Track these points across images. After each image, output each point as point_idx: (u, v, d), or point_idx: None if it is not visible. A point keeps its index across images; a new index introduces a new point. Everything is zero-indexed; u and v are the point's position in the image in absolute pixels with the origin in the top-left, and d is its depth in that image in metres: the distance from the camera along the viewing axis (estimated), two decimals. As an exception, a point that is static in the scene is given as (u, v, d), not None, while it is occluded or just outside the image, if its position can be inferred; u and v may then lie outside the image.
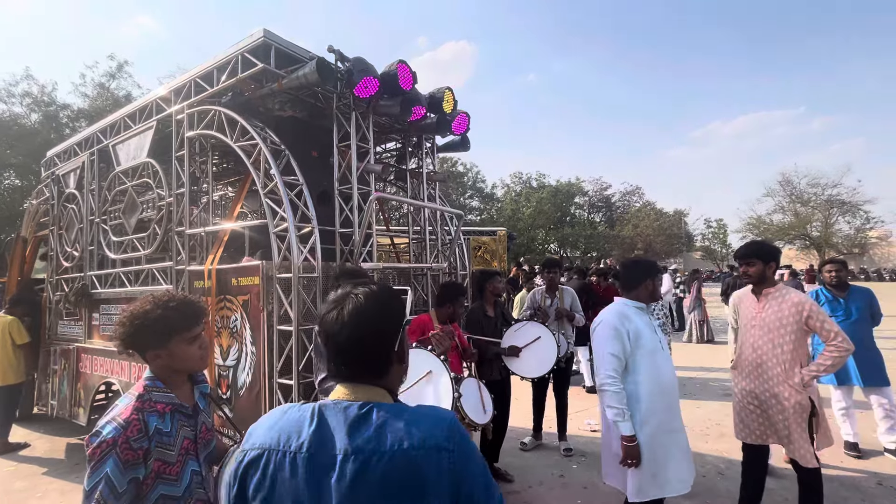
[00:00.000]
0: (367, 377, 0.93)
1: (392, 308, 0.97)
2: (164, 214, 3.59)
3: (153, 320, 1.42)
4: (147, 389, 1.41)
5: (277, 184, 2.78)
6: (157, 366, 1.46)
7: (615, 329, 2.24)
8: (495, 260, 10.65)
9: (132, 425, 1.31)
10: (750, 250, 2.76)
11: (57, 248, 4.90)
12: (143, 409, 1.36)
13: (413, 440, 0.84)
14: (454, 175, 29.27)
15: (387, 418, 0.87)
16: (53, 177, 5.02)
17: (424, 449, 0.83)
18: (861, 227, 28.83)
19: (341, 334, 0.91)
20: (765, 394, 2.65)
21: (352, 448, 0.83)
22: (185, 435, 1.44)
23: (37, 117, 16.89)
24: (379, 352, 0.93)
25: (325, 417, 0.88)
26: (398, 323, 0.97)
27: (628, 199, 38.18)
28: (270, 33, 2.93)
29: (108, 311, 4.13)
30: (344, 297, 0.95)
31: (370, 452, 0.83)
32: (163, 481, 1.35)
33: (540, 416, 4.40)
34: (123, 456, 1.26)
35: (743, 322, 2.86)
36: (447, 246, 4.17)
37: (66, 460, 4.43)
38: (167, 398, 1.42)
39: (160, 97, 3.73)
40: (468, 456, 0.87)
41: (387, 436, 0.84)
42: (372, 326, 0.92)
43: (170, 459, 1.37)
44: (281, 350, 2.73)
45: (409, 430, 0.85)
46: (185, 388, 1.53)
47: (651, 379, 2.23)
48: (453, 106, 3.67)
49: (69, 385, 4.48)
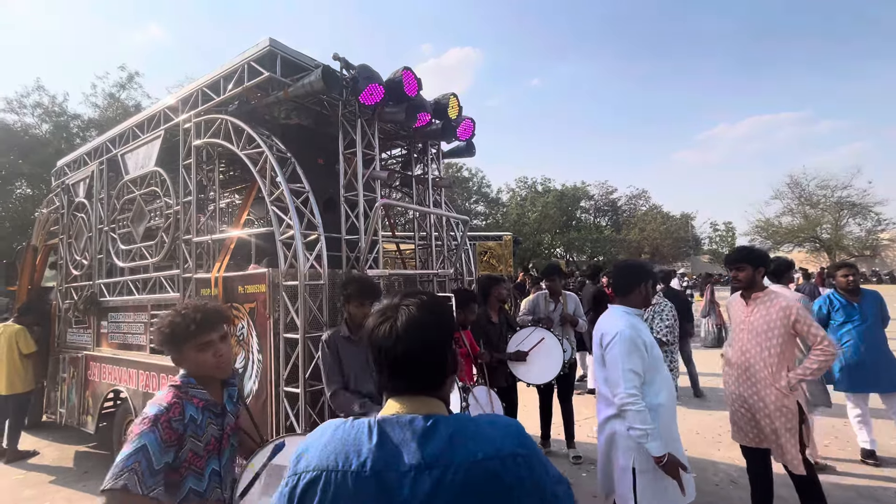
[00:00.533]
0: (426, 390, 0.91)
1: (445, 317, 0.96)
2: (172, 222, 3.61)
3: (168, 327, 1.51)
4: (184, 384, 1.51)
5: (283, 191, 2.79)
6: (183, 368, 1.56)
7: (633, 342, 2.10)
8: (501, 265, 10.62)
9: (174, 407, 1.40)
10: (740, 256, 2.78)
11: (66, 256, 4.94)
12: (182, 398, 1.46)
13: (487, 450, 0.83)
14: (459, 180, 29.31)
15: (455, 430, 0.85)
16: (63, 186, 5.08)
17: (500, 458, 0.82)
18: (872, 229, 28.44)
19: (396, 348, 0.88)
20: (752, 397, 2.67)
21: (425, 462, 0.81)
22: (212, 433, 1.52)
23: (48, 127, 17.17)
24: (436, 363, 0.91)
25: (386, 433, 0.85)
26: (450, 332, 0.96)
27: (634, 203, 38.01)
28: (276, 42, 2.95)
29: (117, 318, 4.15)
30: (394, 308, 0.92)
31: (445, 465, 0.80)
32: (192, 473, 1.44)
33: (547, 423, 4.35)
34: (164, 434, 1.34)
35: (733, 326, 2.89)
36: (453, 251, 4.16)
37: (74, 469, 4.44)
38: (201, 394, 1.52)
39: (168, 106, 3.77)
40: (540, 458, 0.87)
41: (459, 447, 0.82)
42: (428, 338, 0.90)
43: (199, 451, 1.46)
44: (287, 358, 2.72)
45: (481, 440, 0.84)
46: (216, 389, 1.60)
47: (666, 390, 2.17)
48: (458, 112, 3.67)
49: (78, 393, 4.50)
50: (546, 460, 0.90)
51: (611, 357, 2.13)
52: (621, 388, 2.05)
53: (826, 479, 3.59)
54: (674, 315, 3.62)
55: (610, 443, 2.20)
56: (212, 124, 3.32)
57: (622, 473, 2.12)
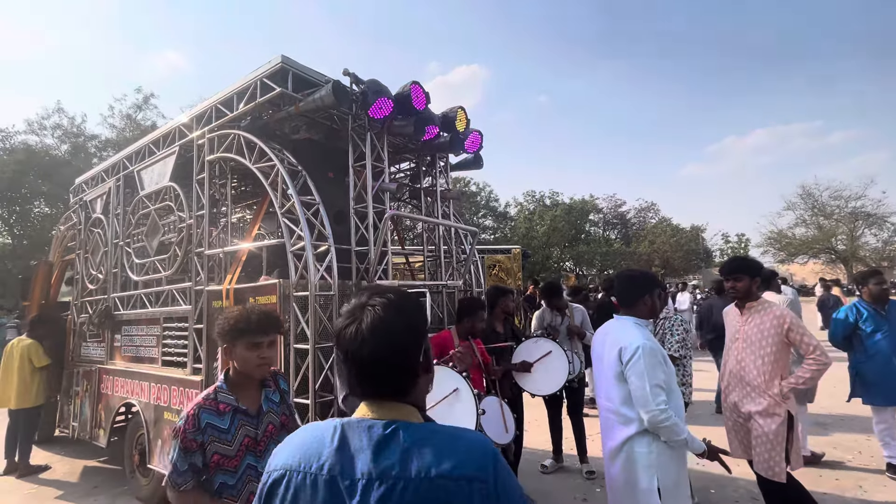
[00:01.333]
0: (393, 394, 0.87)
1: (414, 317, 0.89)
2: (185, 236, 3.67)
3: (231, 321, 1.69)
4: (217, 391, 1.69)
5: (295, 203, 2.83)
6: (227, 365, 1.75)
7: (655, 355, 2.02)
8: (510, 278, 10.58)
9: (189, 419, 1.59)
10: (737, 266, 2.80)
11: (83, 271, 5.04)
12: (203, 406, 1.62)
13: (442, 468, 0.76)
14: (467, 195, 29.45)
15: (415, 441, 0.80)
16: (81, 202, 5.21)
17: (454, 478, 0.76)
18: (889, 239, 27.87)
19: (362, 350, 0.84)
20: (747, 406, 2.67)
21: (376, 472, 0.77)
22: (246, 433, 1.67)
23: (67, 148, 17.70)
24: (404, 366, 0.86)
25: (346, 437, 0.83)
26: (422, 332, 0.90)
27: (643, 216, 37.75)
28: (288, 59, 3.03)
29: (130, 332, 4.20)
30: (360, 308, 0.88)
31: (395, 478, 0.76)
32: (222, 471, 1.61)
33: (559, 437, 4.27)
34: (183, 444, 1.56)
35: (728, 336, 2.90)
36: (462, 263, 4.16)
37: (84, 483, 4.44)
38: (228, 400, 1.67)
39: (182, 124, 3.87)
40: (505, 488, 0.79)
41: (414, 461, 0.77)
42: (395, 340, 0.85)
43: (228, 453, 1.62)
44: (297, 369, 2.72)
45: (438, 456, 0.78)
46: (252, 393, 1.75)
47: (679, 402, 2.11)
48: (466, 124, 3.72)
49: (90, 406, 4.53)
50: (510, 489, 0.81)
51: (636, 372, 2.00)
52: (651, 405, 1.95)
53: (850, 494, 3.46)
54: (685, 329, 3.56)
55: (630, 464, 2.06)
56: (225, 139, 3.40)
57: (647, 496, 1.99)
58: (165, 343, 3.74)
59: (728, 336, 2.90)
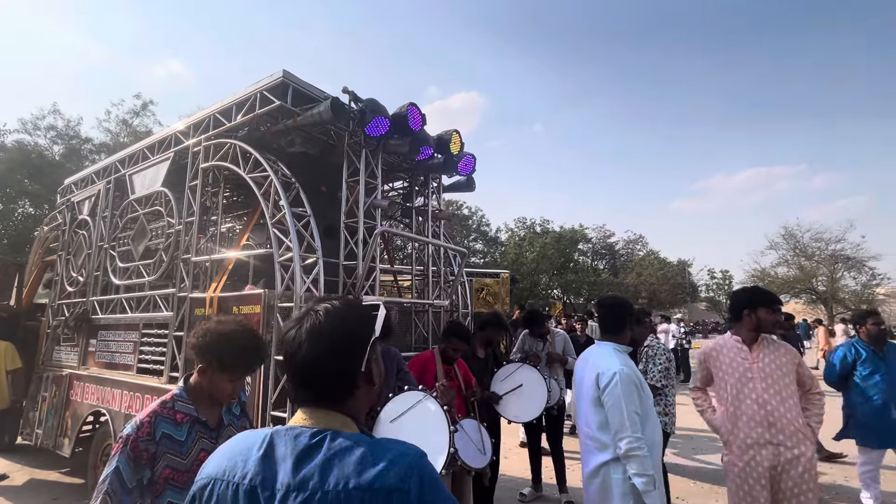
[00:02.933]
0: (327, 402, 0.84)
1: (355, 325, 0.87)
2: (172, 242, 3.64)
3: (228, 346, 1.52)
4: (174, 398, 1.54)
5: (286, 214, 2.84)
6: (198, 378, 1.58)
7: (632, 382, 2.01)
8: (498, 302, 10.58)
9: (143, 427, 1.43)
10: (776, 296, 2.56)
11: (63, 273, 4.94)
12: (159, 414, 1.48)
13: (361, 479, 0.74)
14: (459, 217, 29.67)
15: (338, 450, 0.77)
16: (68, 203, 5.15)
17: (372, 490, 0.73)
18: (867, 283, 28.58)
19: (298, 354, 0.83)
20: (785, 453, 2.28)
21: (294, 483, 0.75)
22: (203, 447, 1.52)
23: (59, 149, 17.55)
24: (340, 373, 0.84)
25: (273, 445, 0.81)
26: (363, 341, 0.87)
27: (631, 248, 38.31)
28: (289, 74, 3.10)
29: (106, 337, 4.09)
30: (305, 313, 0.88)
31: (312, 490, 0.74)
32: (171, 487, 1.44)
33: (538, 465, 4.21)
34: (133, 454, 1.39)
35: (729, 375, 2.47)
36: (450, 284, 4.18)
37: (43, 495, 4.23)
38: (187, 409, 1.54)
39: (179, 130, 3.90)
40: (427, 500, 0.76)
41: (333, 471, 0.75)
42: (331, 345, 0.83)
43: (180, 467, 1.46)
44: (277, 382, 2.68)
45: (360, 466, 0.75)
46: (213, 405, 1.61)
47: (656, 431, 2.10)
48: (460, 147, 3.80)
49: (57, 414, 4.36)
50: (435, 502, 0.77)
51: (612, 399, 2.00)
52: (627, 433, 1.93)
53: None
54: (668, 357, 3.58)
55: (605, 491, 2.04)
56: (221, 148, 3.43)
57: None
58: (143, 350, 3.65)
59: (730, 374, 2.47)
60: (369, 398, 0.90)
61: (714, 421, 2.58)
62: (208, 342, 1.52)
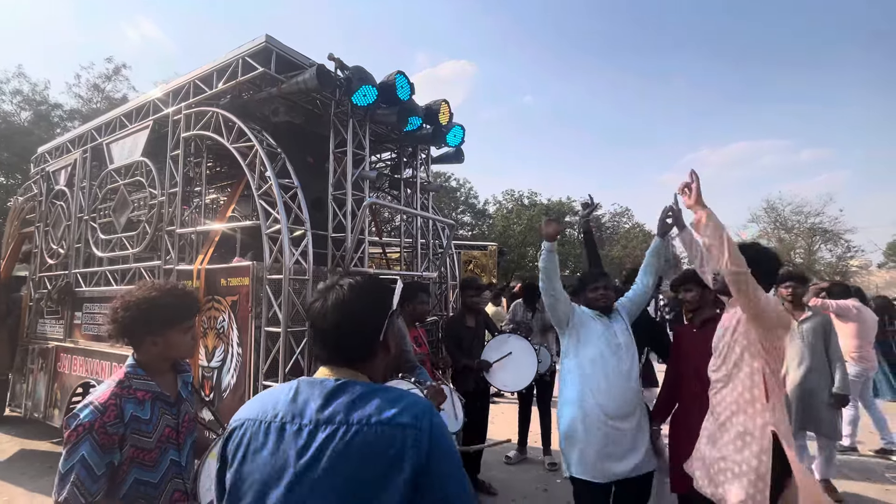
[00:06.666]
0: (350, 361, 0.96)
1: (375, 298, 1.00)
2: (156, 213, 3.57)
3: (161, 307, 1.45)
4: (128, 376, 1.43)
5: (272, 185, 2.80)
6: (149, 353, 1.47)
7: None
8: (486, 274, 10.68)
9: (109, 410, 1.33)
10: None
11: (42, 245, 4.82)
12: (122, 396, 1.38)
13: (382, 415, 0.85)
14: (447, 190, 29.48)
15: (361, 394, 0.89)
16: (43, 173, 4.97)
17: (391, 425, 0.84)
18: (843, 255, 29.49)
19: (325, 323, 0.96)
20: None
21: (322, 418, 0.86)
22: (167, 423, 1.45)
23: (27, 116, 16.75)
24: (361, 339, 0.97)
25: (300, 390, 0.92)
26: (382, 312, 1.00)
27: (618, 221, 38.71)
28: (272, 39, 2.98)
29: (91, 309, 4.05)
30: (329, 287, 0.99)
31: (339, 423, 0.85)
32: (137, 466, 1.37)
33: (525, 430, 4.38)
34: (100, 440, 1.30)
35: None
36: (438, 256, 4.20)
37: (37, 465, 4.28)
38: (147, 386, 1.44)
39: (157, 98, 3.75)
40: (437, 437, 0.87)
41: (357, 409, 0.86)
42: (354, 315, 0.95)
43: (146, 446, 1.39)
44: (268, 352, 2.71)
45: (380, 406, 0.87)
46: (169, 377, 1.54)
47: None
48: (449, 118, 3.74)
49: (46, 385, 4.36)
50: (442, 442, 0.87)
51: None
52: None
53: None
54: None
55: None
56: (202, 117, 3.32)
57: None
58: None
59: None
60: (386, 364, 1.03)
61: None
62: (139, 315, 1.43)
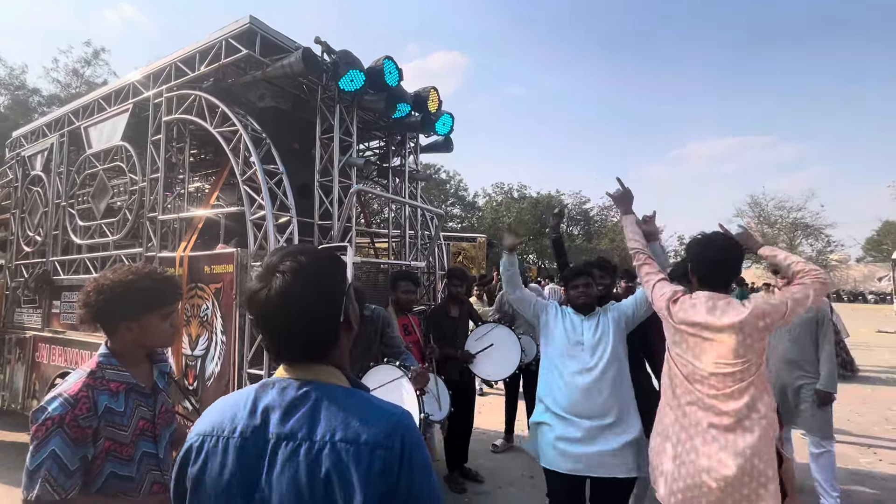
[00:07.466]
0: (309, 356, 0.84)
1: (327, 279, 0.84)
2: (137, 199, 3.48)
3: (138, 290, 1.37)
4: (100, 367, 1.35)
5: (257, 171, 2.74)
6: (124, 340, 1.40)
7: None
8: (475, 266, 10.70)
9: (81, 403, 1.25)
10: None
11: (18, 232, 4.68)
12: (94, 387, 1.30)
13: (347, 433, 0.75)
14: (437, 181, 29.40)
15: (325, 402, 0.79)
16: (18, 158, 4.81)
17: (357, 444, 0.74)
18: (823, 249, 30.18)
19: (276, 322, 0.82)
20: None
21: (283, 434, 0.77)
22: (142, 416, 1.38)
23: (3, 100, 16.22)
24: (320, 330, 0.83)
25: (260, 399, 0.82)
26: (338, 293, 0.85)
27: (606, 214, 39.01)
28: (257, 20, 2.91)
29: (70, 298, 3.95)
30: (271, 271, 0.82)
31: (301, 440, 0.76)
32: (113, 459, 1.30)
33: (512, 418, 4.42)
34: (72, 434, 1.21)
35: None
36: (426, 245, 4.18)
37: (13, 456, 4.19)
38: (122, 377, 1.36)
39: (137, 80, 3.64)
40: (411, 460, 0.76)
41: (320, 422, 0.76)
42: (305, 306, 0.81)
43: (122, 440, 1.32)
44: (252, 340, 2.67)
45: (346, 419, 0.76)
46: (144, 367, 1.46)
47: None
48: (438, 105, 3.70)
49: (24, 376, 4.25)
50: (417, 463, 0.77)
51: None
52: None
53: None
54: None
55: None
56: (185, 100, 3.23)
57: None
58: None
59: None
60: (350, 340, 0.90)
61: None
62: (115, 298, 1.35)
